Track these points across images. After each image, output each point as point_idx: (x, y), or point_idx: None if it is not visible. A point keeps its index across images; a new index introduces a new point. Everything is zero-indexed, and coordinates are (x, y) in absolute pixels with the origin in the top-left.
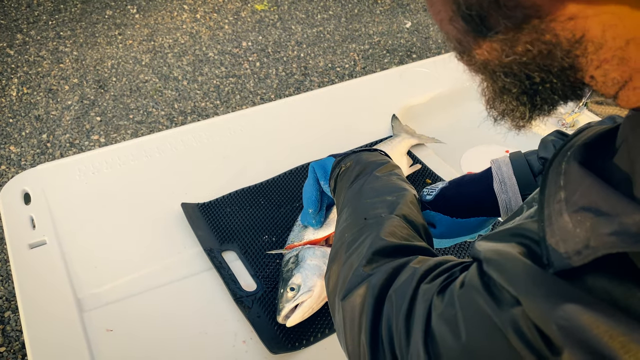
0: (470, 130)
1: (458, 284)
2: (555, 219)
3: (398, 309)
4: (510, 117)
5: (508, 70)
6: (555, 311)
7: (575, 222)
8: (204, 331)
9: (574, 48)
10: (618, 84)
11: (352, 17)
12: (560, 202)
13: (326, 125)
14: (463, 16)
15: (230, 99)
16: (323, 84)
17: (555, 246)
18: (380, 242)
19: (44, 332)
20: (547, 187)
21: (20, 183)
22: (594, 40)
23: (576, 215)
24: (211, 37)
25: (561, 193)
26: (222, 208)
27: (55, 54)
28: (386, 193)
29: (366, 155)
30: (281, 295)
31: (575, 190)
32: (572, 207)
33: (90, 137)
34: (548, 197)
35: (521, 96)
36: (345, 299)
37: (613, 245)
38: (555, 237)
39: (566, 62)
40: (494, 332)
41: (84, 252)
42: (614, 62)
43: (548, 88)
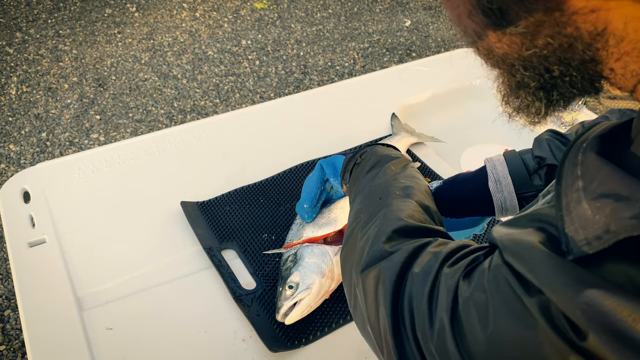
0: (469, 129)
1: (487, 268)
2: (573, 207)
3: (420, 290)
4: (526, 113)
5: (528, 64)
6: (578, 297)
7: (595, 209)
8: (203, 329)
9: (596, 41)
10: (637, 76)
11: (351, 16)
12: (579, 191)
13: (325, 123)
14: (483, 10)
15: (229, 97)
16: (322, 82)
17: (575, 233)
18: (400, 222)
19: (44, 330)
20: (564, 178)
21: (19, 182)
22: (615, 32)
23: (595, 202)
24: (211, 36)
25: (579, 182)
26: (222, 206)
27: (55, 52)
28: (400, 180)
29: (380, 149)
30: (280, 294)
31: (593, 179)
32: (590, 195)
33: (89, 136)
34: (565, 187)
35: (538, 91)
36: (364, 272)
37: (634, 228)
38: (575, 224)
39: (587, 55)
40: (525, 317)
41: (83, 251)
42: (634, 54)
43: (567, 82)
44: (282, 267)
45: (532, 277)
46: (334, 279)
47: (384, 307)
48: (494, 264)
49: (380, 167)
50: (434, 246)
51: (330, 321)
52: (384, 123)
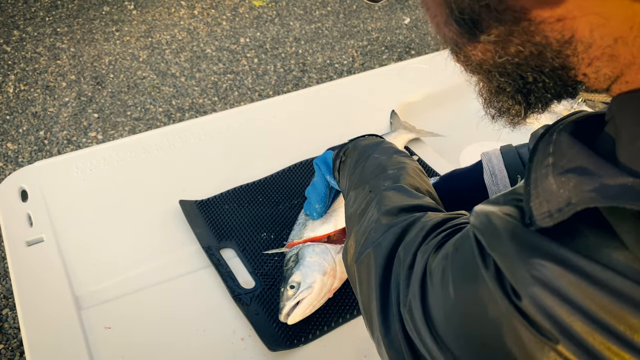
0: (469, 127)
1: (452, 243)
2: (540, 182)
3: (403, 265)
4: (506, 115)
5: (502, 70)
6: (523, 264)
7: (560, 183)
8: (202, 328)
9: (564, 48)
10: (610, 79)
11: (350, 13)
12: (548, 167)
13: (325, 121)
14: (456, 20)
15: (228, 95)
16: (321, 80)
17: (539, 206)
18: (387, 207)
19: (42, 329)
20: (536, 155)
21: (17, 180)
22: (582, 40)
23: (561, 177)
24: (209, 34)
25: (549, 159)
26: (220, 205)
27: (52, 50)
28: (388, 168)
29: (362, 142)
30: (282, 294)
31: (564, 156)
32: (558, 170)
33: (87, 134)
34: (536, 163)
35: (516, 95)
36: (358, 261)
37: (592, 200)
38: (539, 197)
39: (557, 62)
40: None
41: (81, 250)
42: (604, 59)
43: (541, 87)
44: (284, 268)
45: (492, 251)
46: (337, 277)
47: (375, 290)
48: (461, 235)
49: (365, 159)
50: (421, 223)
51: (329, 320)
52: (383, 121)
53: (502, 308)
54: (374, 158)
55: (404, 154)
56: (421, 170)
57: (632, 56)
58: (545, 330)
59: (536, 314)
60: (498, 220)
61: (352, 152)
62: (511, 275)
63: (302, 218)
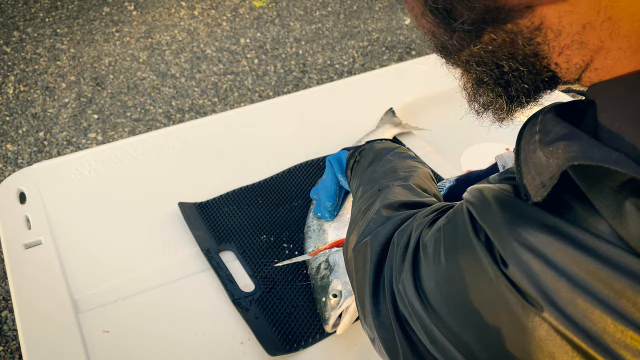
0: (470, 128)
1: (444, 217)
2: (530, 158)
3: (398, 247)
4: (491, 110)
5: (479, 60)
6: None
7: (548, 154)
8: (201, 332)
9: (534, 35)
10: (580, 68)
11: (350, 14)
12: (535, 143)
13: (325, 122)
14: (431, 10)
15: (228, 96)
16: (322, 81)
17: (532, 181)
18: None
19: (40, 333)
20: (523, 137)
21: (15, 182)
22: (552, 27)
23: (548, 147)
24: (209, 34)
25: (536, 136)
26: (220, 207)
27: (52, 51)
28: (399, 170)
29: (378, 144)
30: (324, 304)
31: (550, 131)
32: (544, 143)
33: (87, 135)
34: (524, 144)
35: (496, 87)
36: (355, 249)
37: (575, 157)
38: (531, 173)
39: (528, 49)
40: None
41: (80, 253)
42: (574, 47)
43: (517, 76)
44: (315, 276)
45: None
46: None
47: (369, 275)
48: (454, 209)
49: (379, 160)
50: (420, 213)
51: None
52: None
53: (491, 275)
54: (387, 160)
55: (419, 159)
56: (432, 176)
57: (600, 41)
58: (530, 297)
59: (522, 280)
60: (490, 193)
61: (367, 153)
62: (499, 243)
63: (315, 223)
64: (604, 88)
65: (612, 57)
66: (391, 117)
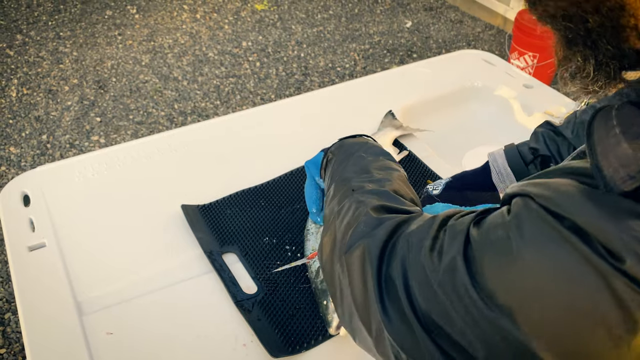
0: (471, 131)
1: (504, 212)
2: (611, 150)
3: (418, 246)
4: (579, 79)
5: (565, 13)
6: (617, 227)
7: (636, 147)
8: (204, 334)
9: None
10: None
11: (352, 17)
12: (617, 136)
13: (327, 125)
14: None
15: (230, 99)
16: (323, 84)
17: (614, 173)
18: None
19: (44, 335)
20: (595, 133)
21: (19, 185)
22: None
23: (636, 141)
24: (211, 37)
25: (615, 129)
26: (223, 210)
27: (55, 54)
28: (372, 170)
29: (348, 140)
30: (325, 307)
31: (632, 124)
32: (630, 136)
33: (90, 138)
34: (598, 139)
35: (584, 49)
36: (347, 254)
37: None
38: (613, 165)
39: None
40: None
41: (83, 255)
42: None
43: (601, 33)
44: (315, 280)
45: (569, 214)
46: None
47: (371, 275)
48: (519, 208)
49: (350, 158)
50: (420, 218)
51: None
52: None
53: (594, 269)
54: (359, 157)
55: (389, 156)
56: (406, 178)
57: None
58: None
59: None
60: (565, 186)
61: (338, 151)
62: (604, 238)
63: (313, 227)
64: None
65: None
66: (391, 120)
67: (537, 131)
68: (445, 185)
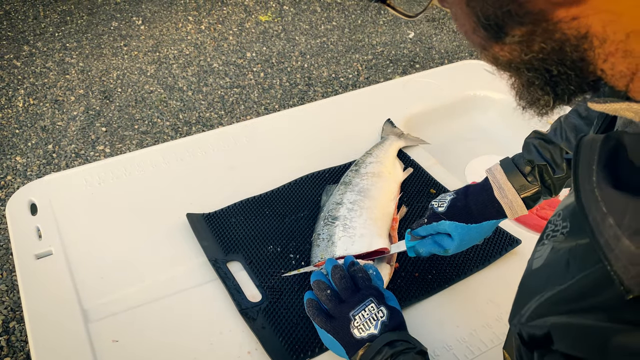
0: (474, 141)
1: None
2: (614, 245)
3: None
4: (536, 106)
5: (530, 66)
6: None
7: (638, 244)
8: (208, 342)
9: (581, 43)
10: (626, 76)
11: (355, 28)
12: (613, 227)
13: (330, 135)
14: (483, 26)
15: (234, 109)
16: (327, 94)
17: (624, 271)
18: None
19: (50, 342)
20: (590, 215)
21: (27, 194)
22: (597, 35)
23: (636, 237)
24: (216, 48)
25: (609, 220)
26: (227, 218)
27: (62, 65)
28: None
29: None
30: None
31: (624, 215)
32: (627, 230)
33: (95, 148)
34: (595, 225)
35: (545, 87)
36: None
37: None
38: (622, 261)
39: (576, 56)
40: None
41: (89, 263)
42: (619, 55)
43: (565, 79)
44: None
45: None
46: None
47: None
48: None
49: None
50: None
51: None
52: None
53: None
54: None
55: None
56: None
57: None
58: None
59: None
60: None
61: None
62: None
63: (326, 233)
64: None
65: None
66: (392, 128)
67: (527, 142)
68: (450, 202)
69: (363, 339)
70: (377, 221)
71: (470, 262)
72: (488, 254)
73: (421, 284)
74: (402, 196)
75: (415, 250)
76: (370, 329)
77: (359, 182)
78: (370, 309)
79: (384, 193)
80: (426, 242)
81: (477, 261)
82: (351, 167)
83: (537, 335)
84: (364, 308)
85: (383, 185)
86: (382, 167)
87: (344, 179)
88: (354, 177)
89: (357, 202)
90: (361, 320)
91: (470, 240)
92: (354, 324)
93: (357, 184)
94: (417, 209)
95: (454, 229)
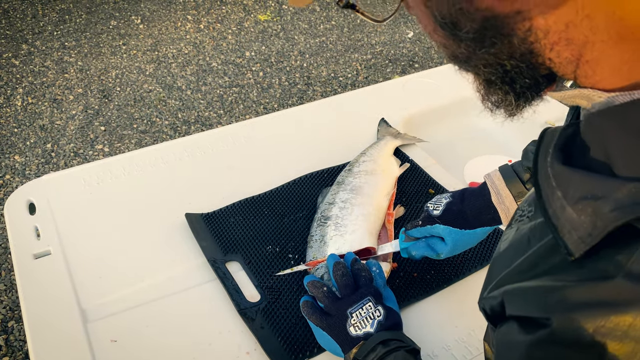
0: (472, 141)
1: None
2: (560, 214)
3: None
4: (502, 107)
5: (485, 62)
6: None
7: (579, 212)
8: (207, 342)
9: (527, 35)
10: (572, 62)
11: (354, 27)
12: (560, 199)
13: (329, 135)
14: (440, 24)
15: (233, 108)
16: (326, 93)
17: (568, 235)
18: None
19: (48, 342)
20: (543, 191)
21: (25, 193)
22: (540, 27)
23: (577, 205)
24: (215, 47)
25: (557, 192)
26: (226, 218)
27: (60, 64)
28: None
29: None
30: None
31: (569, 186)
32: (571, 200)
33: (94, 147)
34: (546, 199)
35: (503, 85)
36: None
37: (616, 218)
38: (566, 227)
39: (524, 48)
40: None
41: (88, 263)
42: (562, 43)
43: (518, 72)
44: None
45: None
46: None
47: None
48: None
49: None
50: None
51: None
52: None
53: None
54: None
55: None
56: None
57: (584, 36)
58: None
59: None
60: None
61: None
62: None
63: (318, 234)
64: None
65: (597, 49)
66: (387, 128)
67: (527, 149)
68: (446, 206)
69: (359, 337)
70: (370, 216)
71: (469, 263)
72: (487, 254)
73: (420, 284)
74: (400, 196)
75: (408, 252)
76: (366, 327)
77: (352, 181)
78: (367, 308)
79: (378, 189)
80: (419, 245)
81: (476, 261)
82: (346, 167)
83: (495, 307)
84: (361, 306)
85: (377, 181)
86: (375, 165)
87: (338, 179)
88: (347, 177)
89: (349, 200)
90: (358, 318)
91: (463, 245)
92: (350, 321)
93: (350, 182)
94: (415, 209)
95: (448, 234)
